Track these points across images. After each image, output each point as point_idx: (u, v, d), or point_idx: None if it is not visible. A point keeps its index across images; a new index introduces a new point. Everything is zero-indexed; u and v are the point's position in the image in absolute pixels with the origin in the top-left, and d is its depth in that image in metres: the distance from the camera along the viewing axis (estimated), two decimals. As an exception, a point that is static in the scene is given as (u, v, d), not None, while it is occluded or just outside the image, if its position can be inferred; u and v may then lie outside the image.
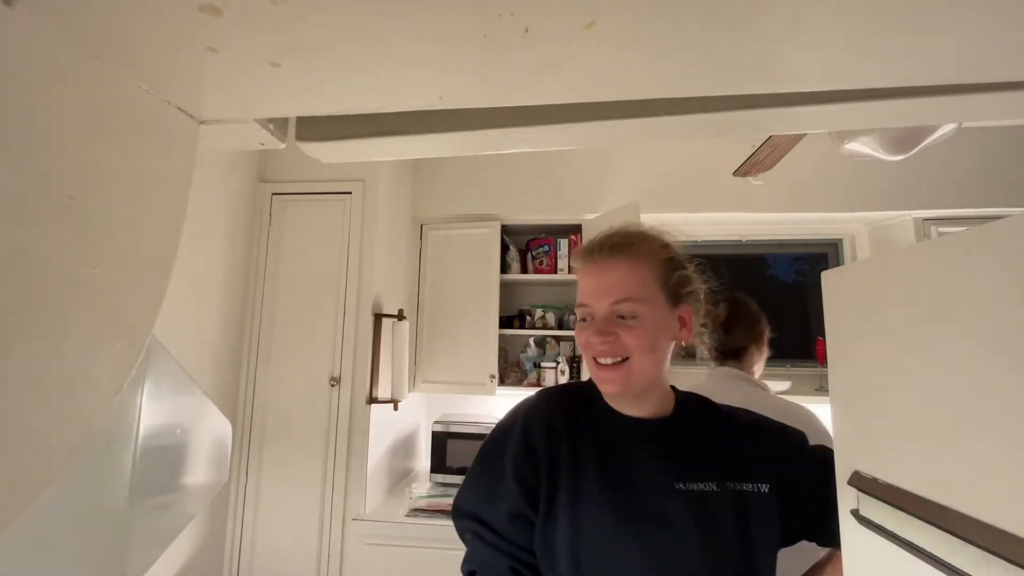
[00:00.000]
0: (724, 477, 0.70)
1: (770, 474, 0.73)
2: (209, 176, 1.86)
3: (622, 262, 0.72)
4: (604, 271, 0.72)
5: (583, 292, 0.73)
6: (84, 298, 0.33)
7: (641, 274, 0.71)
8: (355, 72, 0.36)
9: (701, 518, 0.67)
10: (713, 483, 0.70)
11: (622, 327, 0.69)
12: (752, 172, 1.69)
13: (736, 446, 0.75)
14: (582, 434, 0.73)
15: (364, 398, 1.96)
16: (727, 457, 0.73)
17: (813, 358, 2.38)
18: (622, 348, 0.69)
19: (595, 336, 0.69)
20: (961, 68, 0.36)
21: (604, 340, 0.69)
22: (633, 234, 0.76)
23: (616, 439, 0.72)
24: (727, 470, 0.71)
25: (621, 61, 0.35)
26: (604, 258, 0.73)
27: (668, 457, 0.71)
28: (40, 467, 0.31)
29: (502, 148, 0.54)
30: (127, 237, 0.37)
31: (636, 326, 0.69)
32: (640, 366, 0.69)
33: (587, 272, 0.74)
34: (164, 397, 0.69)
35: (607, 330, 0.69)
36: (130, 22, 0.30)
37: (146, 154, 0.38)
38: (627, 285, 0.70)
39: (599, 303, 0.70)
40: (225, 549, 1.93)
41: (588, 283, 0.73)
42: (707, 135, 0.49)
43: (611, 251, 0.73)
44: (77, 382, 0.33)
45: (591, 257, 0.74)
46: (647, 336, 0.69)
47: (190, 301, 1.75)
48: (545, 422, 0.74)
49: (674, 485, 0.68)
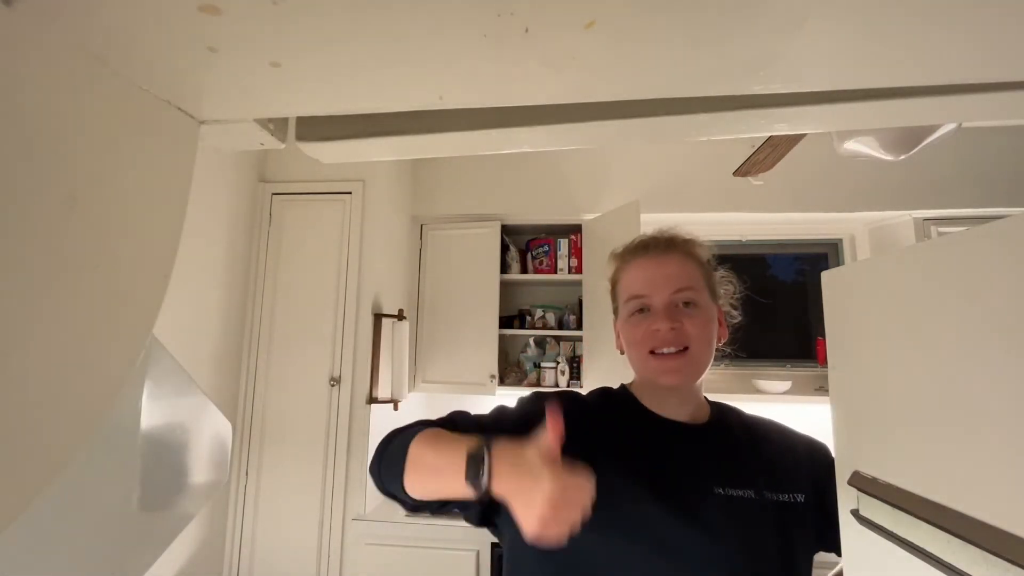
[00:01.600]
0: (762, 486, 0.69)
1: (804, 484, 0.72)
2: (209, 176, 1.86)
3: (678, 255, 0.73)
4: (663, 263, 0.72)
5: (637, 283, 0.72)
6: (84, 298, 0.33)
7: (693, 269, 0.73)
8: (355, 72, 0.36)
9: (741, 524, 0.66)
10: (751, 491, 0.68)
11: (684, 315, 0.69)
12: (752, 172, 1.69)
13: (770, 456, 0.75)
14: (622, 427, 0.72)
15: (364, 398, 1.96)
16: (763, 466, 0.72)
17: (813, 358, 2.38)
18: (685, 336, 0.68)
19: (663, 322, 0.68)
20: (961, 68, 0.36)
21: (672, 326, 0.68)
22: (681, 234, 0.77)
23: (656, 438, 0.71)
24: (764, 479, 0.70)
25: (621, 61, 0.34)
26: (661, 251, 0.73)
27: (708, 461, 0.70)
28: (40, 467, 0.31)
29: (502, 148, 0.54)
30: (127, 237, 0.37)
31: (697, 315, 0.70)
32: (700, 356, 0.70)
33: (641, 265, 0.74)
34: (164, 397, 0.69)
35: (674, 317, 0.68)
36: (130, 22, 0.30)
37: (146, 154, 0.38)
38: (687, 275, 0.71)
39: (660, 293, 0.70)
40: (225, 549, 1.93)
41: (644, 274, 0.72)
42: (707, 135, 0.49)
43: (668, 245, 0.74)
44: (77, 382, 0.33)
45: (646, 251, 0.74)
46: (708, 326, 0.71)
47: (190, 301, 1.75)
48: (585, 402, 0.74)
49: (714, 489, 0.67)
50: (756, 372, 2.40)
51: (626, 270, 0.76)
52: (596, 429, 0.71)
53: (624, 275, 0.76)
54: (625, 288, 0.74)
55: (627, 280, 0.75)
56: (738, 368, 2.44)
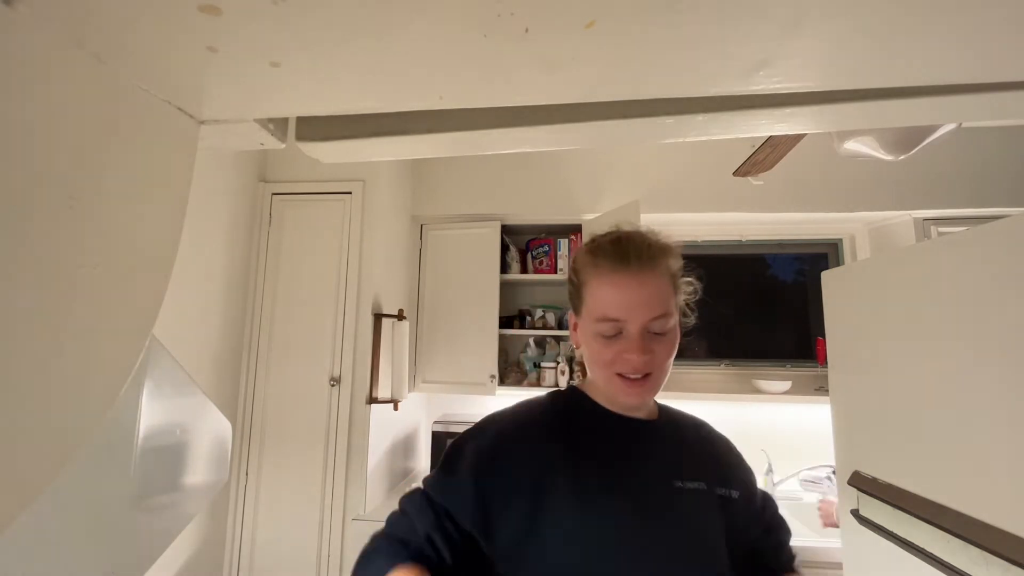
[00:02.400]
0: (711, 479, 0.72)
1: (737, 481, 0.76)
2: (209, 176, 1.86)
3: (657, 274, 0.68)
4: (642, 284, 0.67)
5: (613, 305, 0.66)
6: (84, 298, 0.33)
7: (668, 289, 0.69)
8: (355, 72, 0.36)
9: (700, 516, 0.69)
10: (703, 483, 0.71)
11: (656, 342, 0.67)
12: (752, 172, 1.69)
13: (713, 450, 0.78)
14: (582, 432, 0.72)
15: (364, 398, 1.96)
16: (709, 460, 0.76)
17: (813, 358, 2.38)
18: (653, 364, 0.67)
19: (635, 355, 0.65)
20: (961, 68, 0.36)
21: (644, 360, 0.65)
22: (660, 243, 0.72)
23: (618, 437, 0.72)
24: (712, 472, 0.73)
25: (621, 61, 0.35)
26: (640, 268, 0.67)
27: (666, 455, 0.72)
28: (40, 467, 0.31)
29: (502, 148, 0.54)
30: (127, 237, 0.37)
31: (667, 342, 0.68)
32: (662, 377, 0.70)
33: (619, 284, 0.67)
34: (164, 397, 0.69)
35: (647, 347, 0.66)
36: (130, 22, 0.30)
37: (146, 154, 0.38)
38: (664, 299, 0.67)
39: (637, 318, 0.65)
40: (225, 549, 1.93)
41: (621, 296, 0.66)
42: (707, 135, 0.49)
43: (649, 261, 0.68)
44: (77, 382, 0.33)
45: (625, 264, 0.67)
46: (674, 347, 0.70)
47: (190, 301, 1.75)
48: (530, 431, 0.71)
49: (674, 482, 0.69)
50: (756, 372, 2.40)
51: (600, 280, 0.69)
52: (553, 444, 0.69)
53: (598, 285, 0.69)
54: (598, 304, 0.68)
55: (601, 295, 0.68)
56: (738, 368, 2.44)
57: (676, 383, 2.44)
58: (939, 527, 0.88)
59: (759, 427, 2.30)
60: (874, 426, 1.18)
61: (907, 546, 0.96)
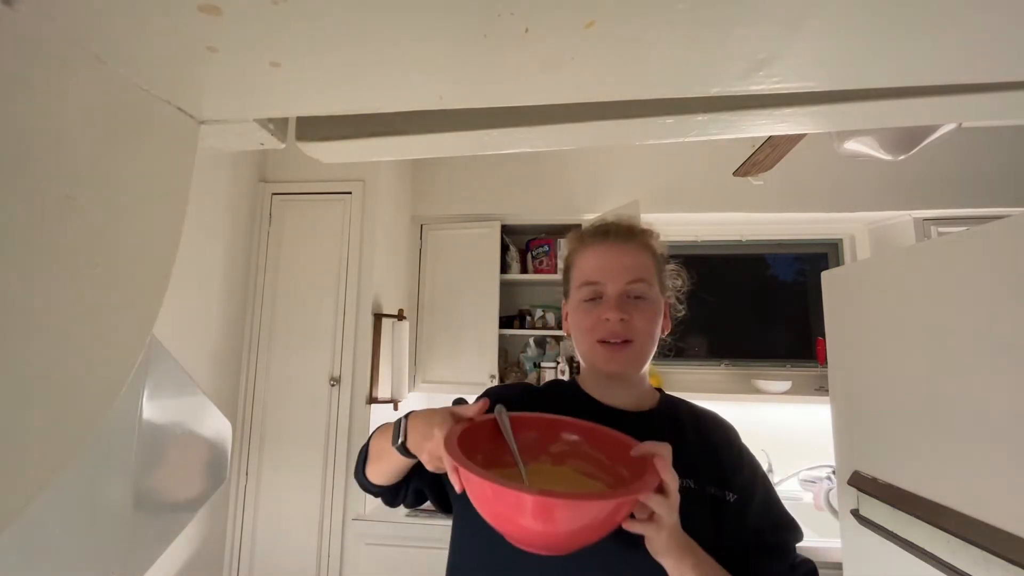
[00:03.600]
0: (702, 477, 0.69)
1: (738, 486, 0.72)
2: (209, 176, 1.86)
3: (637, 245, 0.74)
4: (621, 252, 0.72)
5: (593, 270, 0.72)
6: (84, 298, 0.33)
7: (648, 260, 0.74)
8: (355, 72, 0.36)
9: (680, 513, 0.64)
10: (691, 480, 0.68)
11: (634, 307, 0.70)
12: (752, 172, 1.69)
13: (714, 449, 0.75)
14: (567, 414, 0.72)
15: (364, 398, 1.96)
16: (705, 458, 0.73)
17: (813, 358, 2.38)
18: (632, 329, 0.69)
19: (613, 312, 0.68)
20: (961, 68, 0.36)
21: (621, 317, 0.68)
22: (640, 225, 0.78)
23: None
24: (705, 471, 0.71)
25: (621, 61, 0.34)
26: (621, 240, 0.73)
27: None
28: (40, 467, 0.31)
29: (502, 148, 0.54)
30: (127, 237, 0.37)
31: (647, 308, 0.71)
32: (643, 348, 0.71)
33: (599, 251, 0.73)
34: (164, 397, 0.69)
35: (624, 309, 0.69)
36: (130, 22, 0.30)
37: (146, 154, 0.38)
38: (642, 267, 0.72)
39: (615, 281, 0.70)
40: (225, 549, 1.93)
41: (601, 261, 0.72)
42: (707, 135, 0.49)
43: (628, 233, 0.74)
44: (77, 382, 0.33)
45: (605, 237, 0.74)
46: (655, 319, 0.72)
47: (190, 301, 1.75)
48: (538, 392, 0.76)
49: None
50: (756, 372, 2.40)
51: (583, 254, 0.75)
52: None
53: (580, 258, 0.76)
54: (580, 272, 0.74)
55: (583, 264, 0.74)
56: (738, 368, 2.44)
57: (676, 383, 2.44)
58: (939, 527, 0.88)
59: (759, 427, 2.30)
60: (874, 426, 1.18)
61: (907, 546, 0.96)
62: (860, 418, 1.24)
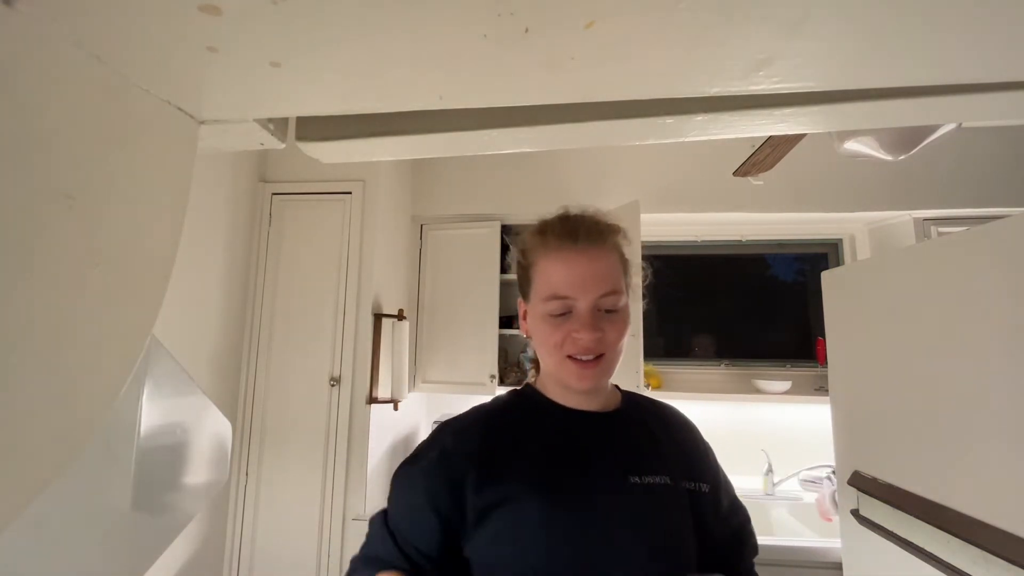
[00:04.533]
0: (676, 472, 0.68)
1: (708, 476, 0.72)
2: (209, 176, 1.86)
3: (607, 250, 0.68)
4: (593, 260, 0.66)
5: (563, 283, 0.65)
6: (84, 298, 0.33)
7: (618, 267, 0.68)
8: (355, 72, 0.36)
9: (660, 511, 0.64)
10: (667, 476, 0.67)
11: (607, 322, 0.65)
12: (752, 172, 1.69)
13: (682, 443, 0.74)
14: (532, 434, 0.68)
15: (364, 398, 1.96)
16: (677, 453, 0.72)
17: (813, 358, 2.38)
18: (605, 344, 0.65)
19: (586, 332, 0.63)
20: (961, 68, 0.36)
21: (595, 338, 0.64)
22: (607, 221, 0.71)
23: (567, 433, 0.68)
24: (678, 466, 0.69)
25: (621, 61, 0.35)
26: (592, 243, 0.66)
27: (620, 449, 0.68)
28: (40, 467, 0.31)
29: (502, 148, 0.54)
30: (127, 237, 0.37)
31: (618, 320, 0.66)
32: (614, 360, 0.67)
33: (568, 260, 0.66)
34: (164, 397, 0.69)
35: (597, 325, 0.64)
36: (130, 22, 0.30)
37: (146, 154, 0.38)
38: (614, 276, 0.66)
39: (586, 295, 0.64)
40: (225, 549, 1.93)
41: (571, 273, 0.65)
42: (706, 135, 0.49)
43: (598, 236, 0.67)
44: (77, 382, 0.33)
45: (574, 241, 0.66)
46: (626, 329, 0.68)
47: (190, 301, 1.75)
48: (471, 445, 0.67)
49: (629, 479, 0.65)
50: (756, 372, 2.40)
51: (549, 259, 0.67)
52: (507, 453, 0.66)
53: (545, 262, 0.68)
54: (546, 282, 0.67)
55: (550, 274, 0.66)
56: (738, 368, 2.44)
57: (676, 383, 2.44)
58: (939, 527, 0.88)
59: (759, 427, 2.30)
60: (874, 426, 1.18)
61: (907, 546, 0.96)
62: (860, 418, 1.24)
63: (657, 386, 2.37)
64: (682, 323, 2.59)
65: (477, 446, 0.66)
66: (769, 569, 1.58)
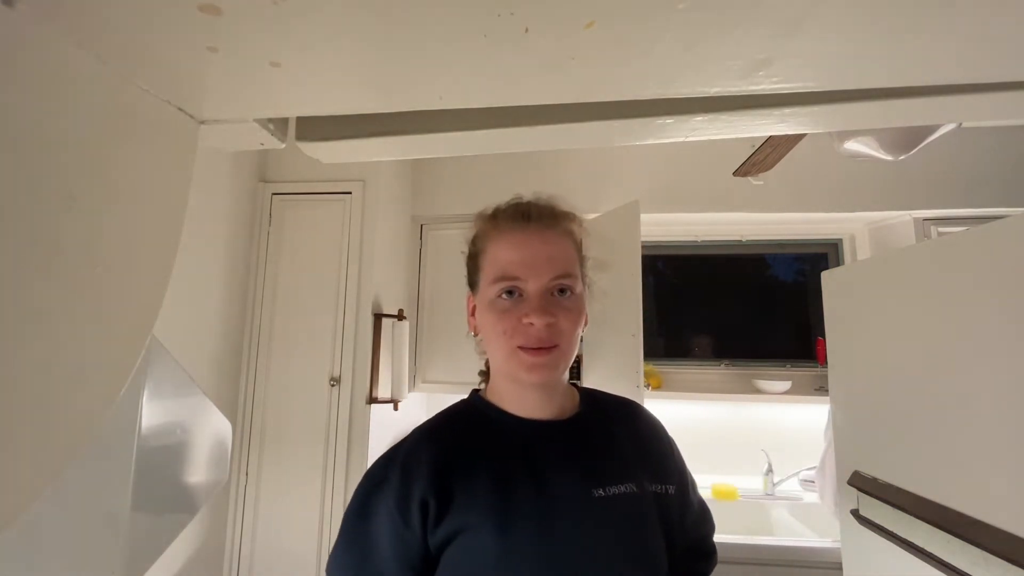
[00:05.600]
0: (642, 477, 0.64)
1: (673, 476, 0.69)
2: (209, 176, 1.86)
3: (561, 233, 0.64)
4: (545, 241, 0.62)
5: (512, 263, 0.61)
6: (84, 298, 0.33)
7: (572, 251, 0.65)
8: (355, 72, 0.36)
9: (627, 522, 0.61)
10: (632, 484, 0.62)
11: (559, 308, 0.61)
12: (752, 172, 1.69)
13: (646, 444, 0.70)
14: (477, 461, 0.62)
15: (364, 398, 1.96)
16: (641, 454, 0.68)
17: (813, 358, 2.38)
18: (558, 333, 0.60)
19: (537, 317, 0.58)
20: (961, 68, 0.36)
21: (546, 323, 0.59)
22: (561, 206, 0.68)
23: (521, 451, 0.63)
24: (642, 469, 0.65)
25: (621, 61, 0.35)
26: (544, 226, 0.63)
27: (580, 462, 0.63)
28: (40, 467, 0.31)
29: (502, 148, 0.54)
30: (127, 237, 0.37)
31: (573, 310, 0.62)
32: (568, 352, 0.63)
33: (518, 241, 0.62)
34: (164, 397, 0.69)
35: (548, 311, 0.59)
36: (130, 22, 0.30)
37: (146, 154, 0.38)
38: (568, 259, 0.63)
39: (537, 278, 0.60)
40: (225, 549, 1.93)
41: (521, 253, 0.61)
42: (706, 135, 0.49)
43: (551, 218, 0.64)
44: (77, 382, 0.33)
45: (526, 221, 0.63)
46: (580, 319, 0.63)
47: (190, 301, 1.75)
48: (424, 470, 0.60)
49: (592, 493, 0.60)
50: (756, 372, 2.40)
51: (498, 240, 0.64)
52: (460, 479, 0.60)
53: (495, 246, 0.64)
54: (493, 264, 0.63)
55: (499, 255, 0.63)
56: (738, 368, 2.44)
57: (676, 383, 2.44)
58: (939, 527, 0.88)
59: (759, 427, 2.30)
60: (874, 426, 1.18)
61: (907, 546, 0.96)
62: (860, 418, 1.24)
63: (657, 386, 2.37)
64: (682, 323, 2.59)
65: (428, 481, 0.59)
66: (769, 569, 1.58)
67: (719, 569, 0.73)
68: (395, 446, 0.66)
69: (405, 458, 0.63)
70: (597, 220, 2.26)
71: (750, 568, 1.57)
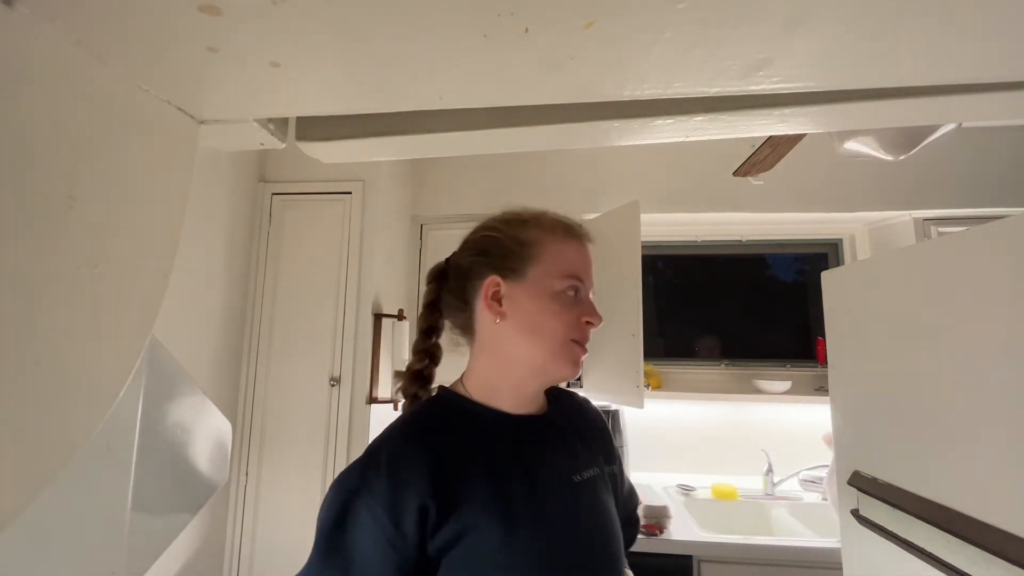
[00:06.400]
0: (599, 460, 0.71)
1: (615, 456, 0.77)
2: (209, 176, 1.86)
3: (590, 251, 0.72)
4: (589, 256, 0.70)
5: (577, 265, 0.66)
6: (84, 298, 0.33)
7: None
8: (355, 72, 0.36)
9: (595, 507, 0.66)
10: (596, 468, 0.69)
11: None
12: (752, 172, 1.69)
13: (596, 428, 0.78)
14: (471, 457, 0.62)
15: (364, 398, 1.96)
16: (596, 440, 0.75)
17: (813, 358, 2.38)
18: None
19: (598, 319, 0.65)
20: (961, 68, 0.36)
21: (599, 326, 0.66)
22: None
23: (512, 445, 0.64)
24: (600, 452, 0.73)
25: (621, 61, 0.35)
26: (588, 241, 0.71)
27: (561, 451, 0.68)
28: (40, 467, 0.31)
29: (502, 148, 0.54)
30: (127, 237, 0.37)
31: None
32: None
33: (578, 248, 0.68)
34: (164, 397, 0.69)
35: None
36: (130, 22, 0.30)
37: (146, 154, 0.38)
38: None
39: (590, 284, 0.68)
40: (225, 549, 1.93)
41: (581, 259, 0.67)
42: (706, 135, 0.49)
43: (589, 239, 0.72)
44: (77, 382, 0.33)
45: (580, 237, 0.69)
46: None
47: (190, 301, 1.75)
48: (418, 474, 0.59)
49: (572, 479, 0.65)
50: (756, 372, 2.40)
51: (560, 243, 0.66)
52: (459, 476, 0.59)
53: (558, 244, 0.66)
54: (562, 261, 0.65)
55: (566, 254, 0.66)
56: (738, 368, 2.44)
57: (676, 383, 2.44)
58: (939, 527, 0.88)
59: (759, 427, 2.30)
60: (874, 426, 1.18)
61: (907, 546, 0.96)
62: (860, 418, 1.24)
63: (657, 386, 2.37)
64: (682, 323, 2.59)
65: (426, 485, 0.57)
66: (769, 569, 1.58)
67: (719, 569, 0.74)
68: (370, 451, 0.64)
69: (390, 463, 0.60)
70: (597, 220, 2.26)
71: (750, 568, 1.57)
